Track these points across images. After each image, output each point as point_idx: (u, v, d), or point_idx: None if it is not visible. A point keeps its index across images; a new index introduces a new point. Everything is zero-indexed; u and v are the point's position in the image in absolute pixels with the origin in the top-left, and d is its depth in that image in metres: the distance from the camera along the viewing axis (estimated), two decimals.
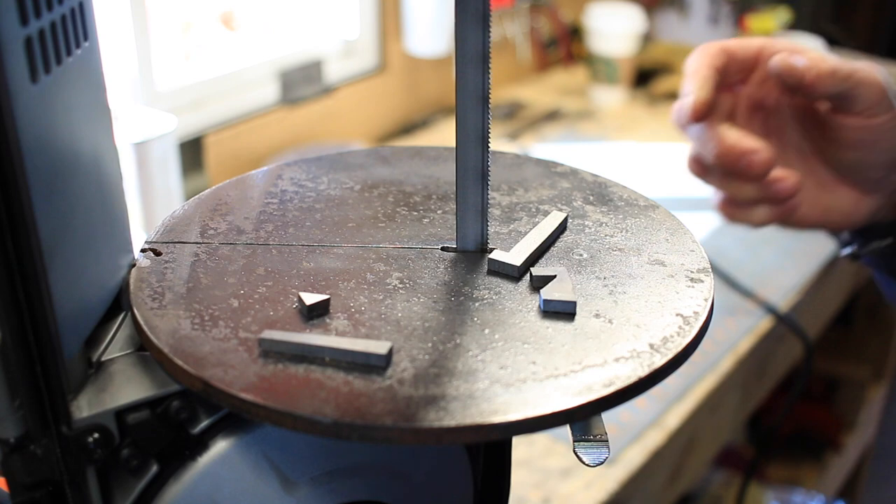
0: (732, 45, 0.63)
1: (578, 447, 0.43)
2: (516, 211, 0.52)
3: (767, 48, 0.63)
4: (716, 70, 0.61)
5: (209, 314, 0.42)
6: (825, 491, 2.10)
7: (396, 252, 0.48)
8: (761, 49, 0.63)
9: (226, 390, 0.37)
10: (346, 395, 0.37)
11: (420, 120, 1.85)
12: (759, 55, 0.64)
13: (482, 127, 0.45)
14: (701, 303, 0.44)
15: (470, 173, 0.46)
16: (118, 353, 0.43)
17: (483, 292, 0.44)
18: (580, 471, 1.00)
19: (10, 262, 0.36)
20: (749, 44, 0.64)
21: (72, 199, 0.39)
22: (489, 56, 0.43)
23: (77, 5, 0.39)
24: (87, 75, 0.41)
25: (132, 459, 0.40)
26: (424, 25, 1.72)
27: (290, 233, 0.49)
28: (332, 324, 0.41)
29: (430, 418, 0.36)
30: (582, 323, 0.42)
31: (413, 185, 0.55)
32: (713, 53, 0.63)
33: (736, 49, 0.63)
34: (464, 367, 0.39)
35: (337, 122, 1.72)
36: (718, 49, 0.63)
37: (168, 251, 0.47)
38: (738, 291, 1.33)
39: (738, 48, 0.63)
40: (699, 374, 1.18)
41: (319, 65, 1.65)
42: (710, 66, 0.61)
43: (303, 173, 0.55)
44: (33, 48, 0.35)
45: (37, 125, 0.35)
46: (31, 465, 0.39)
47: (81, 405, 0.39)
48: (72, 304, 0.39)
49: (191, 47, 1.54)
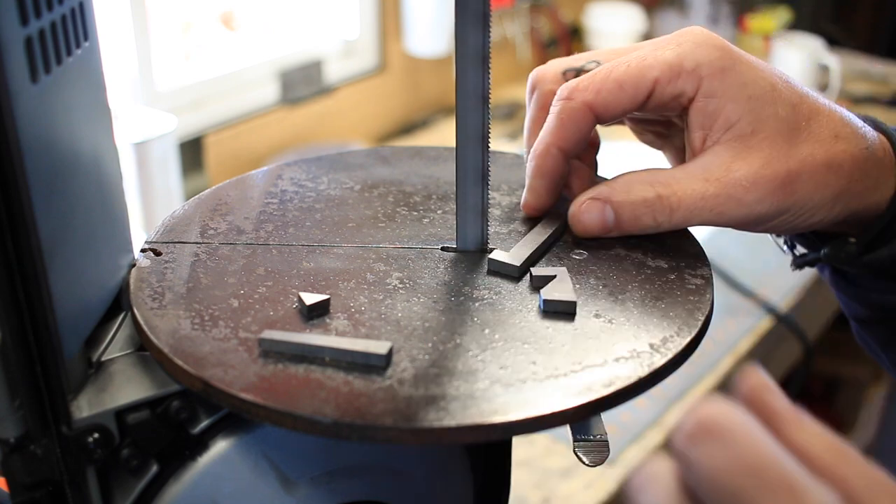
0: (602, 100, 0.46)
1: (578, 447, 0.43)
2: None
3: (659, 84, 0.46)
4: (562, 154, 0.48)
5: (209, 314, 0.42)
6: None
7: (396, 252, 0.48)
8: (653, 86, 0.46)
9: (226, 390, 0.37)
10: (346, 395, 0.37)
11: (420, 120, 1.85)
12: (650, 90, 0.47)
13: (482, 127, 0.45)
14: (701, 303, 0.44)
15: (470, 173, 0.46)
16: (118, 353, 0.43)
17: (483, 292, 0.44)
18: (580, 471, 1.00)
19: (10, 262, 0.36)
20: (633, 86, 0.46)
21: (72, 199, 0.39)
22: (489, 56, 0.43)
23: (77, 5, 0.39)
24: (87, 75, 0.41)
25: (132, 459, 0.40)
26: (424, 25, 1.72)
27: (290, 233, 0.49)
28: (332, 324, 0.41)
29: (430, 418, 0.36)
30: (582, 323, 0.42)
31: (413, 185, 0.55)
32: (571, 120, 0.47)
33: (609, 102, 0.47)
34: (464, 367, 0.39)
35: (337, 122, 1.72)
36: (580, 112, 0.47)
37: (168, 251, 0.47)
38: (738, 291, 1.33)
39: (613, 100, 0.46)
40: (699, 374, 1.18)
41: (319, 65, 1.65)
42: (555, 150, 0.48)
43: (303, 173, 0.55)
44: (33, 48, 0.35)
45: (37, 125, 0.35)
46: (31, 465, 0.39)
47: (81, 405, 0.39)
48: (72, 304, 0.39)
49: (191, 47, 1.54)
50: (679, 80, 0.46)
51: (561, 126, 0.47)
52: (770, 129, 0.45)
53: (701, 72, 0.46)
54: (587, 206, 0.47)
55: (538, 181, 0.49)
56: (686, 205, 0.45)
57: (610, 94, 0.46)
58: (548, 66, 0.51)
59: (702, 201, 0.45)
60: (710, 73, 0.46)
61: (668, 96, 0.46)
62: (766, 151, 0.45)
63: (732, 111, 0.45)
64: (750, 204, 0.45)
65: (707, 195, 0.45)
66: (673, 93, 0.46)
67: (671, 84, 0.46)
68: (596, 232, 0.47)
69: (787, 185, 0.45)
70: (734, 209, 0.45)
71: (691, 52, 0.46)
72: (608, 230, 0.47)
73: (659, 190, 0.46)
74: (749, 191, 0.45)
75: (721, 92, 0.46)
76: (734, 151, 0.46)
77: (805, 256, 0.55)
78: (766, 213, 0.46)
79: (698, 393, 1.15)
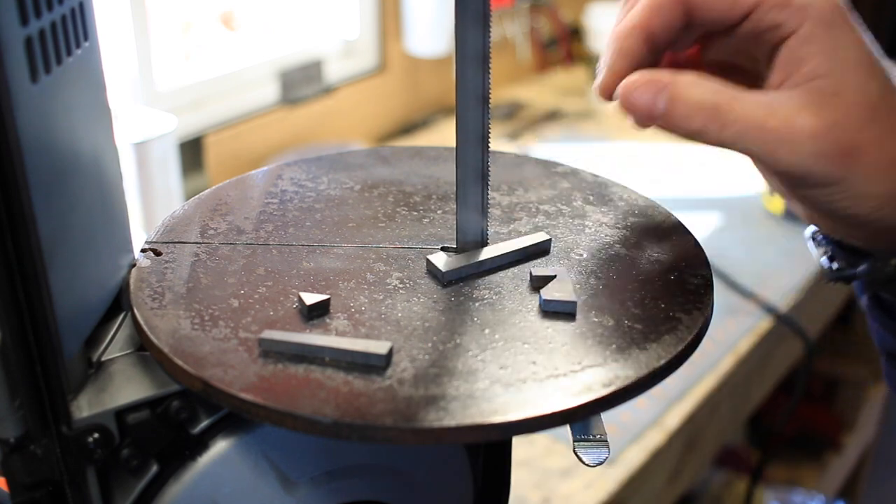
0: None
1: (578, 447, 0.43)
2: (516, 211, 0.52)
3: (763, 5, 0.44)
4: (645, 38, 0.45)
5: (209, 314, 0.42)
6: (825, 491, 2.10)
7: (396, 252, 0.48)
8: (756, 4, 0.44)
9: (226, 390, 0.37)
10: (346, 395, 0.37)
11: (420, 120, 1.85)
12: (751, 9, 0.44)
13: (482, 127, 0.45)
14: (701, 303, 0.44)
15: (470, 173, 0.46)
16: (118, 353, 0.43)
17: (483, 292, 0.44)
18: (580, 471, 1.00)
19: (10, 262, 0.36)
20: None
21: (72, 199, 0.39)
22: (489, 56, 0.43)
23: (77, 5, 0.39)
24: (87, 75, 0.41)
25: (132, 459, 0.40)
26: (424, 25, 1.72)
27: (290, 233, 0.49)
28: (332, 324, 0.42)
29: (430, 418, 0.36)
30: (582, 323, 0.42)
31: (413, 185, 0.55)
32: (660, 6, 0.45)
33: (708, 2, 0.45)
34: (464, 367, 0.39)
35: (337, 122, 1.72)
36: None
37: (168, 251, 0.47)
38: (738, 291, 1.33)
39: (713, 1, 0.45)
40: (699, 374, 1.18)
41: (319, 65, 1.65)
42: (639, 31, 0.45)
43: (303, 173, 0.55)
44: (33, 48, 0.35)
45: (37, 125, 0.35)
46: (31, 465, 0.39)
47: (81, 405, 0.39)
48: (72, 304, 0.39)
49: (191, 47, 1.54)
50: (785, 10, 0.43)
51: (651, 9, 0.44)
52: (852, 98, 0.42)
53: (809, 12, 0.43)
54: (644, 86, 0.43)
55: (619, 61, 0.45)
56: (741, 125, 0.42)
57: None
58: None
59: (757, 130, 0.42)
60: (817, 19, 0.43)
61: (767, 24, 0.44)
62: (841, 115, 0.42)
63: (822, 64, 0.43)
64: (804, 155, 0.42)
65: (766, 127, 0.42)
66: (773, 21, 0.43)
67: (775, 10, 0.43)
68: (642, 113, 0.44)
69: (848, 157, 0.42)
70: (787, 153, 0.42)
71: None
72: (654, 118, 0.44)
73: (721, 100, 0.43)
74: (808, 142, 0.42)
75: (819, 41, 0.43)
76: (808, 100, 0.42)
77: (841, 271, 0.51)
78: (817, 173, 0.43)
79: (698, 393, 1.15)
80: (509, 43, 2.00)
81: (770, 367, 1.39)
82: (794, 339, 1.35)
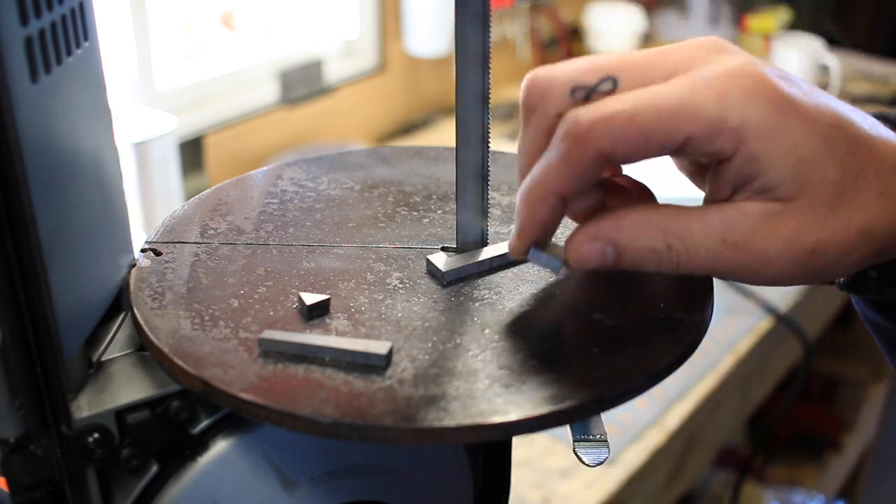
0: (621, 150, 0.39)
1: (578, 447, 0.43)
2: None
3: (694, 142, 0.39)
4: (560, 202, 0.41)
5: (209, 314, 0.42)
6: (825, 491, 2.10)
7: (396, 252, 0.48)
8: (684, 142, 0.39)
9: (226, 390, 0.37)
10: (346, 395, 0.37)
11: (420, 120, 1.85)
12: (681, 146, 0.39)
13: (482, 127, 0.45)
14: (701, 303, 0.44)
15: (470, 173, 0.46)
16: (118, 353, 0.43)
17: (483, 292, 0.44)
18: (580, 471, 1.00)
19: (10, 262, 0.36)
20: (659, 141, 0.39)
21: (72, 199, 0.39)
22: (489, 56, 0.43)
23: (77, 5, 0.39)
24: (87, 75, 0.41)
25: (132, 459, 0.40)
26: (424, 25, 1.72)
27: (290, 233, 0.49)
28: (332, 324, 0.42)
29: (430, 418, 0.36)
30: (582, 323, 0.42)
31: (413, 185, 0.55)
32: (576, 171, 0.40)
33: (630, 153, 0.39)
34: (464, 367, 0.39)
35: (337, 122, 1.72)
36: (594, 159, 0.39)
37: (168, 251, 0.47)
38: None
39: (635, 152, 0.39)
40: (699, 374, 1.18)
41: (319, 65, 1.65)
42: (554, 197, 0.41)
43: (303, 173, 0.55)
44: (33, 48, 0.35)
45: (37, 125, 0.35)
46: (31, 465, 0.39)
47: (81, 405, 0.39)
48: (72, 304, 0.39)
49: (191, 47, 1.54)
50: (717, 139, 0.39)
51: (566, 172, 0.40)
52: (813, 195, 0.40)
53: (745, 132, 0.39)
54: (589, 246, 0.41)
55: (530, 228, 0.42)
56: (695, 263, 0.40)
57: (630, 146, 0.39)
58: (551, 76, 0.41)
59: (712, 262, 0.40)
60: (756, 136, 0.39)
61: (701, 153, 0.40)
62: (801, 218, 0.40)
63: (775, 176, 0.39)
64: (765, 276, 0.41)
65: (721, 259, 0.40)
66: (707, 151, 0.40)
67: (707, 142, 0.39)
68: (593, 267, 0.41)
69: (812, 257, 0.40)
70: (747, 276, 0.41)
71: (739, 108, 0.39)
72: (606, 267, 0.41)
73: (670, 241, 0.40)
74: (769, 265, 0.40)
75: (765, 156, 0.39)
76: (764, 215, 0.40)
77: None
78: (781, 282, 0.41)
79: (698, 393, 1.15)
80: (509, 43, 2.00)
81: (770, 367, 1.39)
82: (794, 339, 1.35)
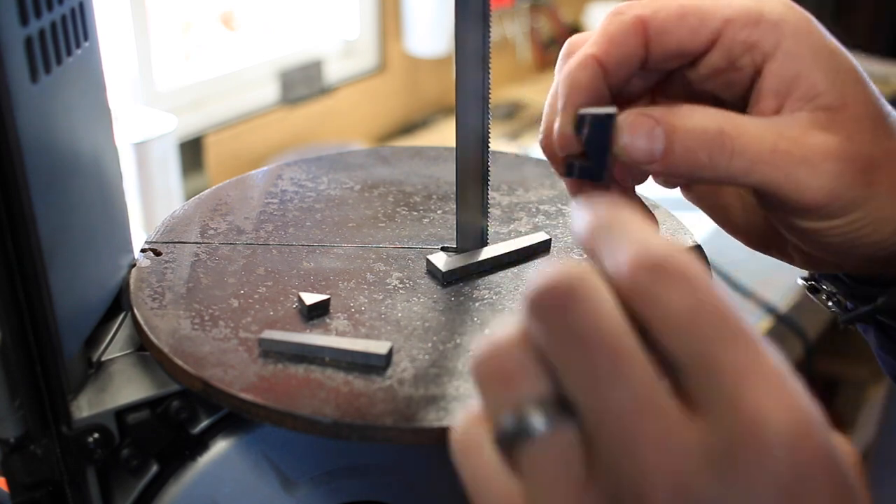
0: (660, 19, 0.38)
1: None
2: (516, 211, 0.52)
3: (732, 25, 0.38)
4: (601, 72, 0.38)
5: (209, 314, 0.42)
6: None
7: (396, 252, 0.48)
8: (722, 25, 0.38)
9: (226, 390, 0.37)
10: (346, 395, 0.37)
11: (420, 120, 1.85)
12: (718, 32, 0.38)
13: (482, 127, 0.45)
14: None
15: (470, 173, 0.46)
16: (118, 353, 0.43)
17: (483, 292, 0.44)
18: None
19: (10, 262, 0.36)
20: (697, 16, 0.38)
21: (72, 199, 0.39)
22: (489, 56, 0.43)
23: (77, 5, 0.39)
24: (87, 75, 0.41)
25: (132, 459, 0.40)
26: (424, 25, 1.72)
27: (290, 233, 0.49)
28: (332, 324, 0.41)
29: (430, 418, 0.36)
30: None
31: (413, 185, 0.55)
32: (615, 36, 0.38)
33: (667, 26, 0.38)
34: (464, 367, 0.39)
35: (337, 122, 1.72)
36: (631, 25, 0.38)
37: (168, 251, 0.47)
38: (738, 291, 1.33)
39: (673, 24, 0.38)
40: None
41: (319, 65, 1.65)
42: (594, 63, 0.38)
43: (303, 173, 0.55)
44: (33, 48, 0.35)
45: (37, 125, 0.35)
46: (31, 465, 0.39)
47: (81, 405, 0.39)
48: (72, 304, 0.39)
49: (191, 47, 1.54)
50: (758, 28, 0.38)
51: (606, 37, 0.38)
52: (858, 109, 0.38)
53: (784, 28, 0.38)
54: (634, 123, 0.37)
55: (575, 95, 0.38)
56: (752, 152, 0.37)
57: (669, 18, 0.38)
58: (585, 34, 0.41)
59: (771, 154, 0.37)
60: (795, 31, 0.38)
61: (740, 44, 0.38)
62: (851, 130, 0.38)
63: (818, 79, 0.38)
64: (825, 177, 0.37)
65: (779, 149, 0.37)
66: (747, 41, 0.38)
67: (746, 30, 0.38)
68: (639, 158, 0.37)
69: (868, 173, 0.38)
70: (808, 175, 0.37)
71: (776, 6, 0.38)
72: (653, 159, 0.37)
73: (724, 125, 0.37)
74: (826, 163, 0.37)
75: (806, 55, 0.38)
76: (814, 120, 0.38)
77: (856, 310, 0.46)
78: (842, 193, 0.38)
79: None
80: (509, 43, 2.00)
81: None
82: (794, 339, 1.34)
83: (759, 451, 0.23)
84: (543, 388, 0.26)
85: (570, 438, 0.26)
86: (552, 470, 0.26)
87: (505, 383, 0.27)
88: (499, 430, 0.27)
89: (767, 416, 0.23)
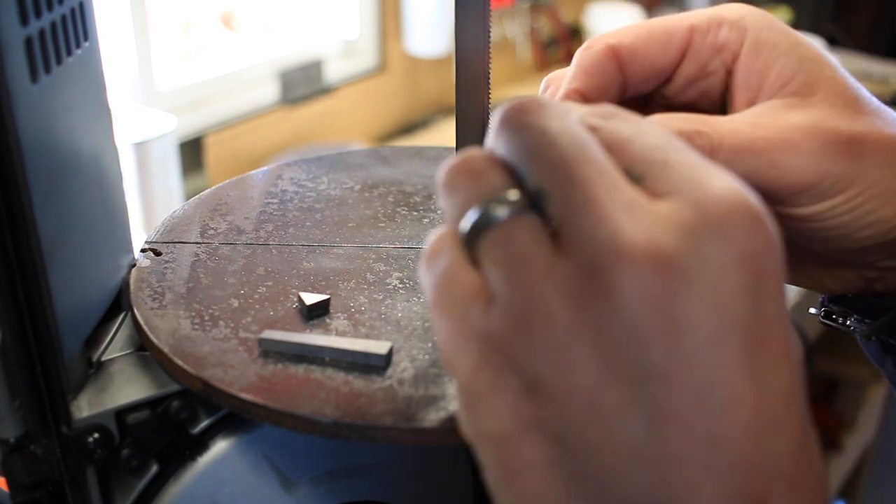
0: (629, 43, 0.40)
1: None
2: None
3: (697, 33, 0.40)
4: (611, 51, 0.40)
5: (209, 314, 0.42)
6: None
7: (396, 252, 0.48)
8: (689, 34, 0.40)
9: (226, 390, 0.37)
10: (346, 395, 0.37)
11: (420, 120, 1.85)
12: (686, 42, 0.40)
13: (482, 127, 0.45)
14: None
15: None
16: (118, 353, 0.43)
17: None
18: None
19: (10, 262, 0.36)
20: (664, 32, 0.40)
21: (72, 199, 0.39)
22: (489, 56, 0.43)
23: (77, 5, 0.39)
24: (87, 75, 0.41)
25: (132, 459, 0.40)
26: (424, 25, 1.72)
27: (290, 233, 0.49)
28: (332, 324, 0.41)
29: (430, 418, 0.36)
30: None
31: (413, 185, 0.55)
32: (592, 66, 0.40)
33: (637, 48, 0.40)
34: None
35: (337, 122, 1.72)
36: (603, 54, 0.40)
37: (168, 251, 0.47)
38: None
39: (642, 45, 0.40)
40: None
41: (319, 65, 1.65)
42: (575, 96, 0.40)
43: (303, 173, 0.55)
44: (33, 48, 0.35)
45: (37, 125, 0.35)
46: (31, 465, 0.39)
47: (81, 405, 0.39)
48: (72, 304, 0.39)
49: (191, 47, 1.54)
50: (721, 29, 0.40)
51: (582, 70, 0.40)
52: (829, 90, 0.38)
53: (746, 24, 0.40)
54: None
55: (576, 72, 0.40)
56: (730, 144, 0.37)
57: (637, 40, 0.39)
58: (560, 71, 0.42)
59: (750, 143, 0.37)
60: (756, 26, 0.39)
61: (708, 48, 0.40)
62: (826, 109, 0.38)
63: (786, 66, 0.39)
64: (809, 153, 0.37)
65: (757, 137, 0.37)
66: (714, 44, 0.40)
67: (711, 33, 0.40)
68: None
69: (852, 148, 0.37)
70: (791, 157, 0.37)
71: (734, 9, 0.40)
72: None
73: (699, 126, 0.37)
74: (806, 137, 0.37)
75: (771, 45, 0.39)
76: (788, 105, 0.38)
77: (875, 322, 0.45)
78: (829, 168, 0.37)
79: None
80: (509, 43, 2.00)
81: None
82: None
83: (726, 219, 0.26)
84: (507, 184, 0.29)
85: (533, 223, 0.28)
86: (516, 251, 0.27)
87: (470, 180, 0.29)
88: (465, 228, 0.29)
89: (723, 192, 0.27)
